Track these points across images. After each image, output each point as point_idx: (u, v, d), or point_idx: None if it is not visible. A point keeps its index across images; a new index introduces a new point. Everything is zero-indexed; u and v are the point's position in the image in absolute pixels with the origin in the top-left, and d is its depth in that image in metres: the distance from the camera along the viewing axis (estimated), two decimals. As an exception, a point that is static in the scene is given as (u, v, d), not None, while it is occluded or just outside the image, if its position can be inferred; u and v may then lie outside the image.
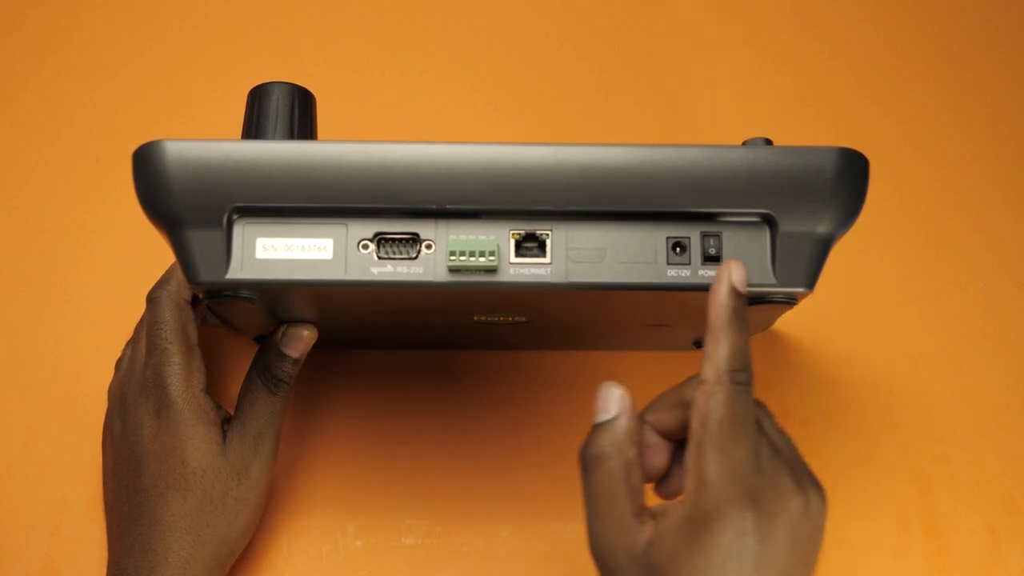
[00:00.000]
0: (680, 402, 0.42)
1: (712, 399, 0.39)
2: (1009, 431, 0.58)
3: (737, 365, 0.40)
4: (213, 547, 0.49)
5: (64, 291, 0.60)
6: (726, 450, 0.39)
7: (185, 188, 0.39)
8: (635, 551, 0.40)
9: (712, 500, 0.38)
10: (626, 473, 0.41)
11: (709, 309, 0.40)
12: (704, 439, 0.39)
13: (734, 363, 0.40)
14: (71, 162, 0.63)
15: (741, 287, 0.40)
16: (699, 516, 0.39)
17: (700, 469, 0.39)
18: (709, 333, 0.40)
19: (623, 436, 0.42)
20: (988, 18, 0.69)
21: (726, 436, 0.39)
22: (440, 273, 0.40)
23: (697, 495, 0.39)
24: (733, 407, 0.39)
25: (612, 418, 0.42)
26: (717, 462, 0.39)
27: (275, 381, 0.50)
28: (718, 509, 0.38)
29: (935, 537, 0.56)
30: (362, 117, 0.65)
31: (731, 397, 0.39)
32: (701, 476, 0.39)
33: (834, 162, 0.40)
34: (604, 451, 0.41)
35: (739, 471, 0.39)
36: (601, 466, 0.41)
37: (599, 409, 0.43)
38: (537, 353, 0.59)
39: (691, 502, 0.39)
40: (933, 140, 0.65)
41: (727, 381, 0.39)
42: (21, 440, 0.56)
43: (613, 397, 0.42)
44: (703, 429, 0.39)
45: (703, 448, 0.39)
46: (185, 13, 0.67)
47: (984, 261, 0.62)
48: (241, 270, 0.40)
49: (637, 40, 0.68)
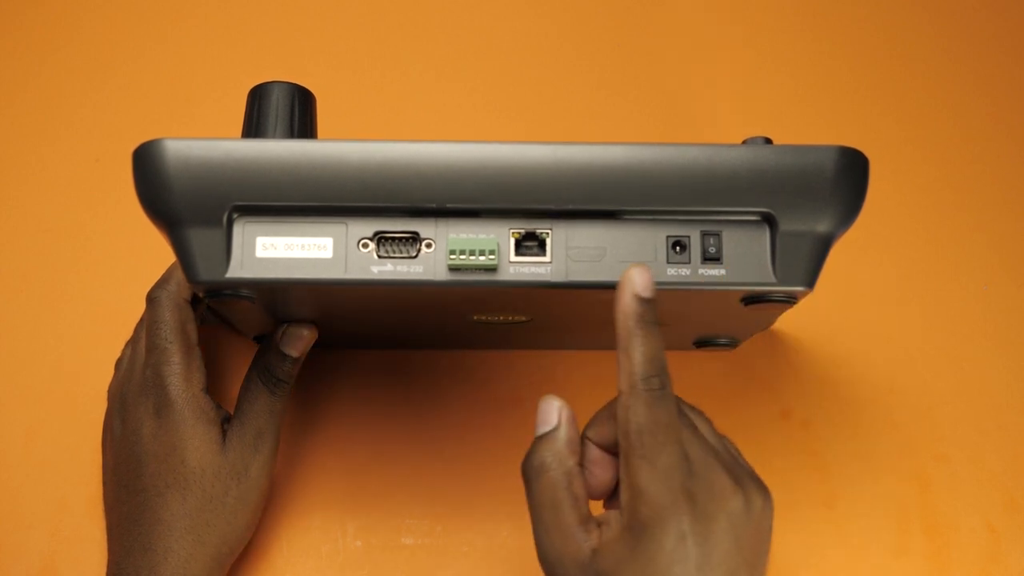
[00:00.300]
0: (614, 414, 0.42)
1: (630, 411, 0.39)
2: (1009, 431, 0.58)
3: (651, 371, 0.39)
4: (213, 547, 0.49)
5: (64, 291, 0.60)
6: (651, 458, 0.39)
7: (185, 187, 0.39)
8: (581, 559, 0.40)
9: (647, 509, 0.39)
10: (568, 483, 0.42)
11: (615, 319, 0.40)
12: (629, 450, 0.40)
13: (647, 369, 0.39)
14: (71, 162, 0.63)
15: (645, 292, 0.39)
16: (637, 525, 0.39)
17: (631, 480, 0.39)
18: (619, 344, 0.40)
19: (563, 446, 0.42)
20: (988, 18, 0.69)
21: (648, 444, 0.39)
22: (440, 272, 0.40)
23: (632, 505, 0.39)
24: (652, 414, 0.39)
25: (551, 429, 0.43)
26: (645, 471, 0.39)
27: (275, 381, 0.50)
28: (654, 516, 0.39)
29: (935, 537, 0.56)
30: (362, 117, 0.65)
31: (648, 405, 0.39)
32: (633, 486, 0.39)
33: (834, 161, 0.40)
34: (545, 462, 0.42)
35: (669, 476, 0.39)
36: (542, 477, 0.42)
37: (540, 422, 0.43)
38: (537, 353, 0.59)
39: (628, 512, 0.40)
40: (933, 140, 0.65)
41: (642, 389, 0.39)
42: (21, 440, 0.56)
43: (552, 409, 0.43)
44: (627, 440, 0.40)
45: (629, 459, 0.39)
46: (185, 13, 0.67)
47: (984, 261, 0.62)
48: (241, 269, 0.40)
49: (637, 40, 0.68)
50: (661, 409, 0.39)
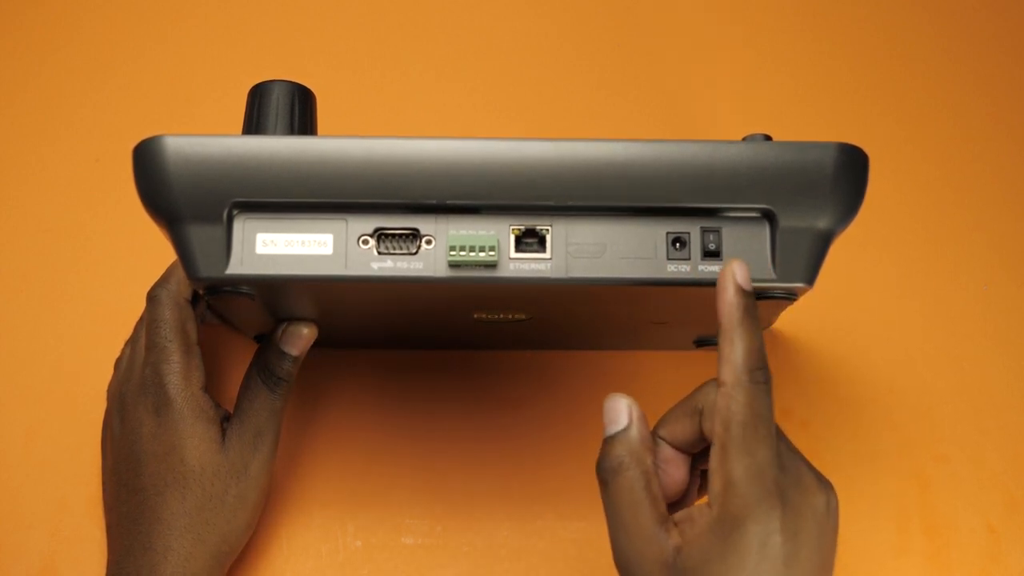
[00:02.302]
0: (693, 411, 0.42)
1: (733, 401, 0.39)
2: (1009, 431, 0.58)
3: (755, 363, 0.39)
4: (213, 545, 0.49)
5: (64, 291, 0.60)
6: (751, 451, 0.39)
7: (185, 183, 0.39)
8: (664, 559, 0.40)
9: (741, 501, 0.38)
10: (646, 482, 0.41)
11: (719, 311, 0.40)
12: (728, 441, 0.39)
13: (752, 362, 0.39)
14: (71, 162, 0.63)
15: (746, 285, 0.39)
16: (729, 518, 0.38)
17: (726, 472, 0.39)
18: (722, 335, 0.40)
19: (638, 445, 0.42)
20: (988, 18, 0.69)
21: (750, 437, 0.39)
22: (440, 268, 0.40)
23: (725, 497, 0.39)
24: (755, 407, 0.39)
25: (624, 428, 0.42)
26: (743, 464, 0.38)
27: (275, 379, 0.50)
28: (747, 510, 0.38)
29: (935, 537, 0.56)
30: (362, 116, 0.65)
31: (752, 397, 0.39)
32: (728, 479, 0.39)
33: (834, 157, 0.40)
34: (622, 462, 0.41)
35: (764, 471, 0.39)
36: (619, 477, 0.41)
37: (609, 421, 0.43)
38: (537, 353, 0.59)
39: (719, 504, 0.39)
40: (933, 140, 0.65)
41: (747, 382, 0.39)
42: (21, 440, 0.56)
43: (622, 408, 0.43)
44: (727, 432, 0.39)
45: (727, 451, 0.39)
46: (185, 13, 0.68)
47: (984, 261, 0.62)
48: (241, 265, 0.40)
49: (637, 40, 0.68)
50: (762, 402, 0.39)
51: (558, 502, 0.56)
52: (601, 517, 0.55)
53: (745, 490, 0.38)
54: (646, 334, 0.54)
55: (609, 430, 0.42)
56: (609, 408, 0.43)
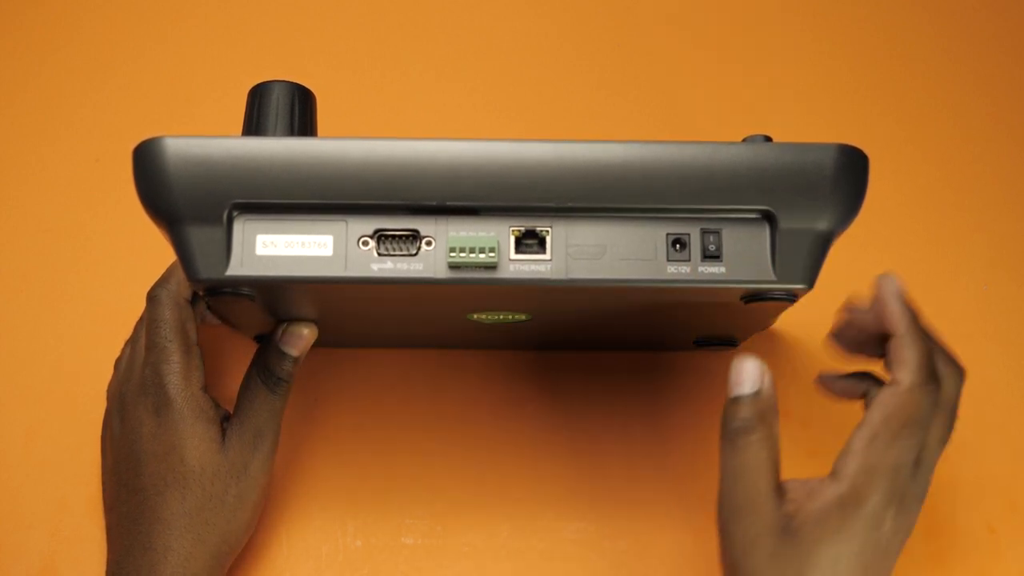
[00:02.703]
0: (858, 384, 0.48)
1: (901, 399, 0.42)
2: (1009, 431, 0.58)
3: (928, 373, 0.43)
4: (213, 545, 0.49)
5: (64, 291, 0.60)
6: (899, 447, 0.42)
7: (185, 185, 0.39)
8: (774, 523, 0.42)
9: (873, 487, 0.42)
10: (771, 446, 0.43)
11: (889, 320, 0.44)
12: (881, 431, 0.42)
13: (926, 371, 0.43)
14: (71, 162, 0.63)
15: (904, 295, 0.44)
16: (855, 497, 0.42)
17: (869, 457, 0.42)
18: (897, 340, 0.43)
19: (769, 410, 0.44)
20: (988, 18, 0.69)
21: (904, 435, 0.42)
22: (440, 270, 0.40)
23: (859, 479, 0.42)
24: (919, 411, 0.42)
25: (756, 391, 0.44)
26: (890, 456, 0.42)
27: (275, 380, 0.50)
28: (875, 496, 0.41)
29: (935, 537, 0.56)
30: (362, 116, 0.65)
31: (920, 402, 0.42)
32: (868, 463, 0.42)
33: (834, 159, 0.40)
34: (750, 424, 0.43)
35: (901, 469, 0.42)
36: (747, 438, 0.43)
37: (739, 382, 0.44)
38: (537, 353, 0.59)
39: (850, 483, 0.42)
40: (933, 140, 0.65)
41: (919, 385, 0.42)
42: (21, 440, 0.56)
43: (756, 369, 0.44)
44: (884, 424, 0.42)
45: (877, 439, 0.42)
46: (185, 13, 0.68)
47: (984, 261, 0.62)
48: (241, 267, 0.40)
49: (637, 40, 0.68)
50: (926, 409, 0.42)
51: (558, 502, 0.56)
52: (601, 517, 0.56)
53: (880, 479, 0.42)
54: (646, 335, 0.54)
55: (739, 391, 0.44)
56: (741, 369, 0.44)
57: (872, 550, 0.42)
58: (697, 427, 0.57)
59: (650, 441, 0.57)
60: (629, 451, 0.57)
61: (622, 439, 0.57)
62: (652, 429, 0.57)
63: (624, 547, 0.55)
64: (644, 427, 0.57)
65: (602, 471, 0.56)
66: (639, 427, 0.57)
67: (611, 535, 0.55)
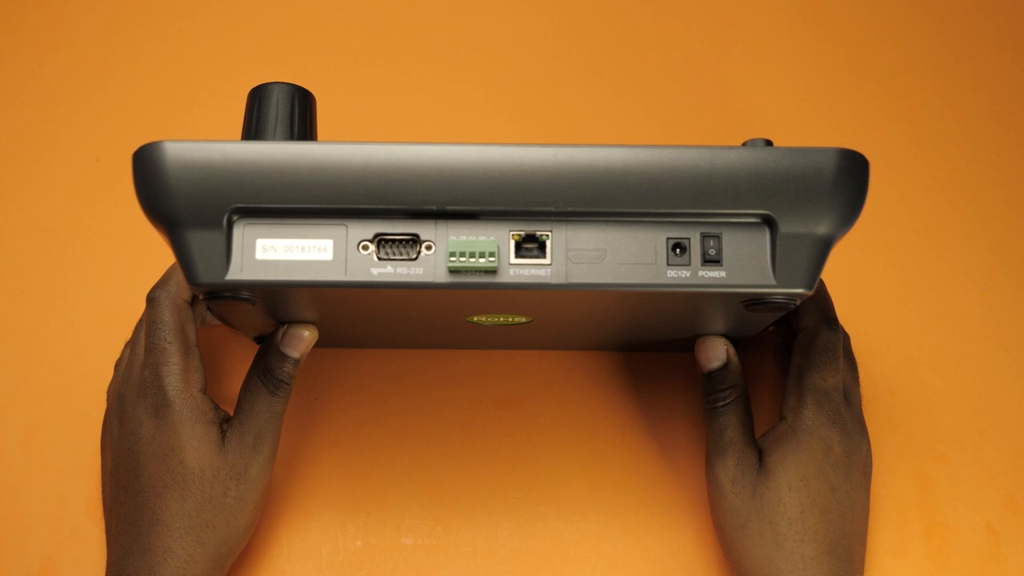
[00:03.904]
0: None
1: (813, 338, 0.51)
2: (1009, 431, 0.58)
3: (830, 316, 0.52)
4: (212, 547, 0.49)
5: (64, 291, 0.60)
6: (823, 377, 0.50)
7: (185, 189, 0.39)
8: (752, 464, 0.50)
9: (810, 413, 0.50)
10: (743, 404, 0.51)
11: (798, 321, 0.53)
12: (805, 368, 0.51)
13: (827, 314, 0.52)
14: (71, 162, 0.63)
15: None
16: (801, 427, 0.49)
17: (801, 390, 0.50)
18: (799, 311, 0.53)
19: (740, 376, 0.52)
20: (988, 18, 0.69)
21: (824, 365, 0.50)
22: (440, 274, 0.40)
23: (798, 410, 0.50)
24: (829, 345, 0.51)
25: (724, 363, 0.52)
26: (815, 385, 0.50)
27: (275, 381, 0.50)
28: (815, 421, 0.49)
29: (935, 537, 0.56)
30: (362, 117, 0.65)
31: (828, 337, 0.51)
32: (801, 397, 0.50)
33: (834, 163, 0.40)
34: (724, 390, 0.51)
35: (831, 394, 0.50)
36: (723, 402, 0.51)
37: (709, 358, 0.52)
38: (537, 353, 0.59)
39: (793, 415, 0.50)
40: (933, 140, 0.65)
41: (824, 326, 0.51)
42: (21, 440, 0.56)
43: (720, 346, 0.52)
44: (804, 360, 0.51)
45: (804, 374, 0.51)
46: (185, 13, 0.67)
47: (984, 261, 0.62)
48: (241, 271, 0.40)
49: (637, 40, 0.68)
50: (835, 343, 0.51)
51: (558, 502, 0.56)
52: (601, 518, 0.56)
53: (814, 403, 0.50)
54: (646, 336, 0.54)
55: (711, 365, 0.52)
56: (707, 347, 0.52)
57: (832, 469, 0.49)
58: (697, 427, 0.57)
59: (650, 441, 0.57)
60: (629, 451, 0.57)
61: (622, 439, 0.57)
62: (652, 429, 0.57)
63: (624, 547, 0.55)
64: (644, 427, 0.57)
65: (602, 471, 0.56)
66: (639, 427, 0.57)
67: (611, 535, 0.55)
